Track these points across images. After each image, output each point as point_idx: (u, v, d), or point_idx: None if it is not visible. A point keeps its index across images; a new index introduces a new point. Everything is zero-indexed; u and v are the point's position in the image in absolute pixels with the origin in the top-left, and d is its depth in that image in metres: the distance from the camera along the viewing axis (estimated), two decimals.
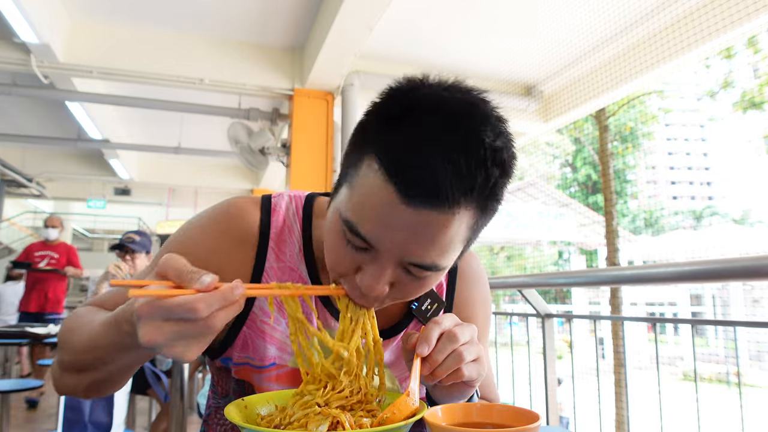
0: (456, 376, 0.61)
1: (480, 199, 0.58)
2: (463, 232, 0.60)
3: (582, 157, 16.32)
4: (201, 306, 0.48)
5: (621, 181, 16.08)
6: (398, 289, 0.64)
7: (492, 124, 0.58)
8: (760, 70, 10.03)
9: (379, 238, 0.58)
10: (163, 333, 0.49)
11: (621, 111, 10.97)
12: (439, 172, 0.53)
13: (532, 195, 13.76)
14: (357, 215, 0.59)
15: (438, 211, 0.55)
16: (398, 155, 0.55)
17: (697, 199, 40.22)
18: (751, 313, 12.82)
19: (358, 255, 0.62)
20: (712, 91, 11.70)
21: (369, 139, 0.60)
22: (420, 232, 0.57)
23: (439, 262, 0.60)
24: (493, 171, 0.57)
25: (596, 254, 15.03)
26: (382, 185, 0.56)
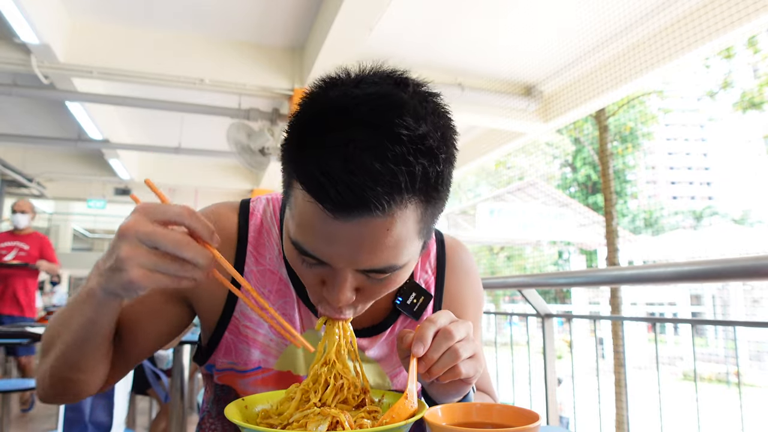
0: (453, 374, 0.61)
1: (417, 193, 0.55)
2: (410, 228, 0.57)
3: (582, 157, 16.32)
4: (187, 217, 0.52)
5: (621, 181, 16.07)
6: (366, 294, 0.63)
7: (411, 111, 0.55)
8: (760, 70, 10.03)
9: (325, 254, 0.57)
10: (139, 227, 0.51)
11: (621, 111, 10.97)
12: (360, 182, 0.51)
13: (532, 195, 13.77)
14: (300, 236, 0.58)
15: (372, 216, 0.53)
16: (314, 174, 0.52)
17: (697, 199, 40.21)
18: (751, 313, 12.82)
19: (316, 270, 0.61)
20: (712, 91, 11.70)
21: (289, 159, 0.58)
22: (363, 241, 0.55)
23: (395, 262, 0.59)
24: (420, 162, 0.54)
25: (596, 254, 15.03)
26: (310, 205, 0.54)
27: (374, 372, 0.80)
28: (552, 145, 16.82)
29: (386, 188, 0.52)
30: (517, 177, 16.31)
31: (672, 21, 4.62)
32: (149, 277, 0.52)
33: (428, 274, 0.84)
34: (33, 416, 4.88)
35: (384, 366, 0.81)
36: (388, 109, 0.54)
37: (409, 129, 0.53)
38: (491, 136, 7.63)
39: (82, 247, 18.11)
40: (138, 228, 0.51)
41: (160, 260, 0.51)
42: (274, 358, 0.77)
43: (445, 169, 0.60)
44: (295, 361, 0.77)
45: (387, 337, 0.80)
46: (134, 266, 0.51)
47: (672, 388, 9.91)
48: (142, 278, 0.51)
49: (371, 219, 0.53)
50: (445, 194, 0.62)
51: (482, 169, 16.86)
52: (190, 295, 0.79)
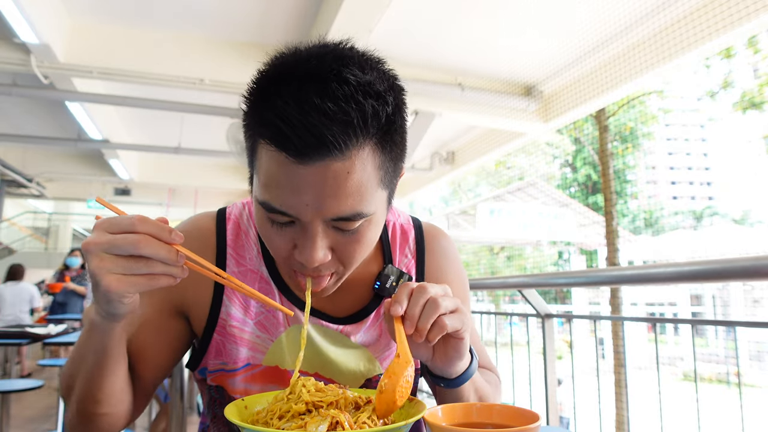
0: (439, 328, 0.61)
1: (371, 136, 0.58)
2: (370, 173, 0.60)
3: (582, 157, 16.31)
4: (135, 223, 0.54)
5: (621, 181, 16.07)
6: (340, 253, 0.65)
7: (356, 63, 0.59)
8: (760, 70, 10.03)
9: (292, 205, 0.59)
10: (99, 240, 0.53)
11: (621, 111, 10.97)
12: (316, 123, 0.54)
13: (532, 195, 13.76)
14: (268, 193, 0.61)
15: (332, 159, 0.56)
16: (276, 124, 0.56)
17: (697, 199, 40.22)
18: (751, 313, 12.82)
19: (287, 232, 0.63)
20: (712, 91, 11.70)
21: (251, 124, 0.62)
22: (326, 186, 0.57)
23: (360, 208, 0.60)
24: (368, 103, 0.57)
25: (596, 254, 15.02)
26: (275, 157, 0.58)
27: (363, 357, 0.81)
28: (552, 145, 16.82)
29: (340, 127, 0.55)
30: (517, 177, 16.31)
31: (672, 21, 4.62)
32: (123, 281, 0.54)
33: (408, 258, 0.86)
34: (33, 416, 4.88)
35: (372, 351, 0.82)
36: (334, 60, 0.58)
37: (356, 75, 0.57)
38: (491, 136, 7.63)
39: None
40: (97, 240, 0.54)
41: (126, 262, 0.54)
42: (262, 354, 0.79)
43: (397, 116, 0.62)
44: (282, 356, 0.79)
45: (372, 323, 0.82)
46: (105, 274, 0.54)
47: (672, 388, 9.91)
48: (116, 284, 0.54)
49: (331, 162, 0.56)
50: (401, 144, 0.64)
51: (482, 169, 16.86)
52: (183, 306, 0.81)
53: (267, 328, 0.79)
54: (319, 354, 0.79)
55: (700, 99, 21.11)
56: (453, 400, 0.72)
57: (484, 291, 12.38)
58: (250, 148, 0.64)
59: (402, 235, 0.87)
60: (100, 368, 0.66)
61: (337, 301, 0.81)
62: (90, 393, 0.68)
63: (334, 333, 0.80)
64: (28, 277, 7.13)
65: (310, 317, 0.76)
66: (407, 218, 0.91)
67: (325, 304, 0.81)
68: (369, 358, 0.81)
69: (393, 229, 0.87)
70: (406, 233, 0.88)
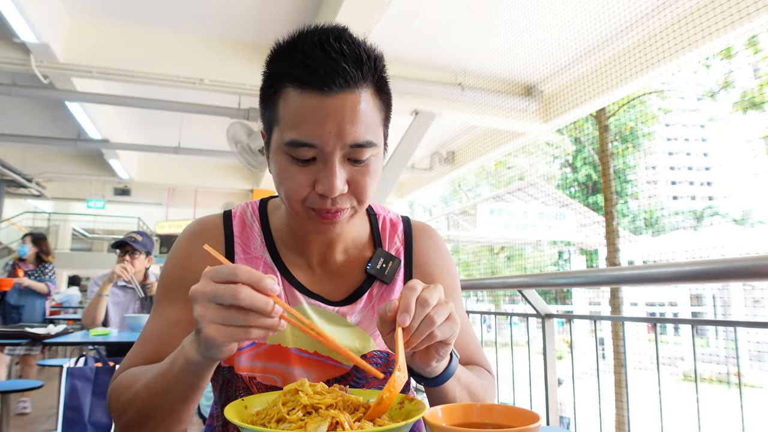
0: (429, 339, 0.64)
1: (370, 81, 0.73)
2: (374, 110, 0.74)
3: (582, 157, 16.31)
4: (241, 274, 0.57)
5: (621, 181, 16.07)
6: (355, 185, 0.74)
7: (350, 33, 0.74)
8: (760, 70, 10.03)
9: (318, 134, 0.70)
10: (204, 288, 0.58)
11: (621, 111, 10.97)
12: (337, 59, 0.69)
13: (532, 195, 13.76)
14: (295, 131, 0.71)
15: (348, 90, 0.70)
16: (304, 63, 0.69)
17: (698, 199, 40.23)
18: (752, 313, 12.82)
19: (308, 170, 0.73)
20: (712, 91, 11.70)
21: (276, 78, 0.73)
22: (345, 113, 0.70)
23: (371, 137, 0.72)
24: (366, 53, 0.72)
25: (596, 254, 15.03)
26: (301, 96, 0.70)
27: (358, 335, 0.86)
28: (552, 145, 16.83)
29: (354, 64, 0.70)
30: (517, 177, 16.31)
31: (672, 21, 4.62)
32: (222, 332, 0.58)
33: (397, 244, 0.94)
34: (33, 416, 4.88)
35: (366, 328, 0.87)
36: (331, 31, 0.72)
37: (352, 39, 0.73)
38: (491, 136, 7.64)
39: (82, 247, 18.11)
40: (203, 289, 0.58)
41: (226, 313, 0.57)
42: None
43: (385, 78, 0.77)
44: (284, 335, 0.84)
45: (365, 304, 0.88)
46: (207, 323, 0.58)
47: (672, 388, 9.90)
48: (216, 334, 0.58)
49: (348, 93, 0.70)
50: (387, 92, 0.78)
51: (482, 169, 16.85)
52: None
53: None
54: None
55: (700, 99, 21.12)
56: (440, 397, 0.75)
57: (484, 291, 12.37)
58: (270, 106, 0.75)
59: (391, 227, 0.96)
60: (188, 400, 0.69)
61: (333, 285, 0.89)
62: (175, 418, 0.71)
63: (331, 314, 0.86)
64: None
65: (309, 299, 0.85)
66: (396, 214, 0.99)
67: (323, 287, 0.88)
68: (363, 336, 0.86)
69: (383, 221, 0.96)
70: (395, 225, 0.96)
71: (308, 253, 0.88)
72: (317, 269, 0.89)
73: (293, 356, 0.83)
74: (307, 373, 0.84)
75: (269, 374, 0.83)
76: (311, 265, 0.89)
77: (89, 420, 2.47)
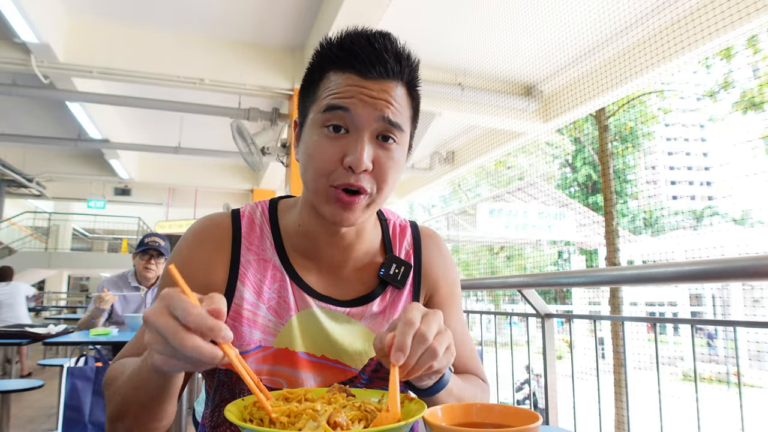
0: (427, 370, 0.65)
1: (405, 74, 0.80)
2: (406, 104, 0.80)
3: (582, 157, 16.31)
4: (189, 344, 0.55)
5: (621, 181, 16.06)
6: (378, 168, 0.78)
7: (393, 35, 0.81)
8: (760, 70, 10.03)
9: (354, 102, 0.75)
10: (156, 341, 0.57)
11: (621, 111, 10.97)
12: (380, 52, 0.76)
13: (532, 195, 13.76)
14: (333, 99, 0.76)
15: (387, 80, 0.77)
16: (352, 51, 0.76)
17: (697, 199, 40.22)
18: (751, 313, 12.81)
19: (339, 143, 0.76)
20: (712, 91, 11.70)
21: (321, 65, 0.80)
22: (381, 95, 0.76)
23: (401, 121, 0.78)
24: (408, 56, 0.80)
25: (596, 254, 15.02)
26: (345, 77, 0.77)
27: (365, 336, 0.87)
28: (552, 145, 16.83)
29: (394, 58, 0.78)
30: (517, 177, 16.31)
31: (672, 21, 4.62)
32: (168, 363, 0.57)
33: (406, 249, 0.96)
34: (33, 416, 4.88)
35: (374, 331, 0.88)
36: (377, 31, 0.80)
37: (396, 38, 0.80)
38: (491, 136, 7.63)
39: (82, 247, 18.11)
40: (155, 320, 0.57)
41: (173, 350, 0.56)
42: (273, 336, 0.84)
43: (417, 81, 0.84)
44: (292, 338, 0.84)
45: (378, 307, 0.89)
46: (155, 352, 0.58)
47: (672, 388, 9.91)
48: (162, 363, 0.58)
49: (386, 82, 0.77)
50: (417, 94, 0.85)
51: (482, 169, 16.85)
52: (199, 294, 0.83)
53: (278, 313, 0.84)
54: (326, 336, 0.85)
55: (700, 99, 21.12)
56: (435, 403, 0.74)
57: (484, 291, 12.37)
58: (313, 88, 0.81)
59: (401, 232, 0.97)
60: (160, 400, 0.69)
61: (344, 288, 0.89)
62: (150, 414, 0.71)
63: (341, 315, 0.87)
64: (28, 278, 7.11)
65: (318, 302, 0.85)
66: (404, 219, 1.01)
67: (333, 290, 0.88)
68: (370, 338, 0.87)
69: (393, 226, 0.97)
70: (404, 230, 0.98)
71: (320, 256, 0.88)
72: (328, 273, 0.89)
73: (301, 360, 0.83)
74: (314, 377, 0.84)
75: (276, 377, 0.83)
76: (322, 268, 0.88)
77: (89, 420, 2.47)
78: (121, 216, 14.99)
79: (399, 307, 0.90)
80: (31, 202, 15.60)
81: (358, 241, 0.88)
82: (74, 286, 20.38)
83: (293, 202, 0.92)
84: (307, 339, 0.84)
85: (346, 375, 0.85)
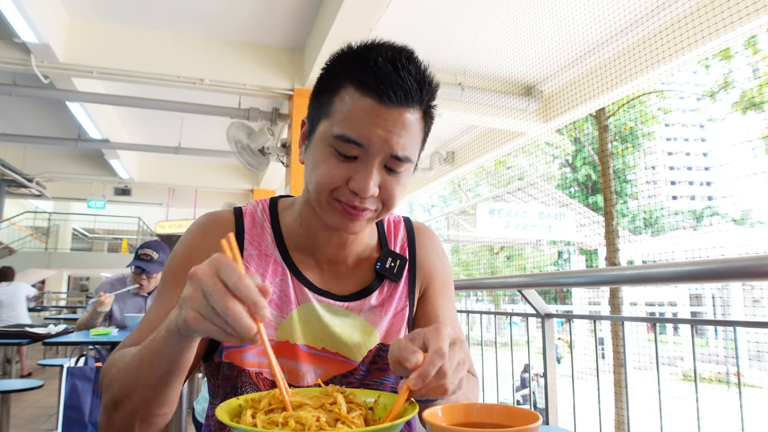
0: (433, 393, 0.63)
1: (423, 103, 0.77)
2: (419, 132, 0.79)
3: (582, 157, 16.32)
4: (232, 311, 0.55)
5: (621, 181, 16.07)
6: (385, 191, 0.78)
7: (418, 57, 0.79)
8: (759, 71, 10.03)
9: (368, 136, 0.74)
10: (196, 298, 0.56)
11: (621, 111, 10.98)
12: (401, 80, 0.73)
13: (532, 195, 13.75)
14: (347, 127, 0.74)
15: (404, 108, 0.75)
16: (370, 76, 0.73)
17: (697, 199, 40.21)
18: (751, 313, 12.81)
19: (346, 167, 0.76)
20: (712, 91, 11.70)
21: (340, 76, 0.77)
22: (396, 126, 0.74)
23: (410, 154, 0.78)
24: (429, 81, 0.78)
25: (596, 254, 15.03)
26: (361, 98, 0.74)
27: (366, 330, 0.89)
28: (552, 145, 16.84)
29: (417, 86, 0.75)
30: (517, 177, 16.31)
31: (672, 21, 4.62)
32: (200, 323, 0.56)
33: (401, 244, 0.99)
34: (33, 416, 4.88)
35: (373, 324, 0.91)
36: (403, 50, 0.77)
37: (421, 63, 0.78)
38: (491, 136, 7.64)
39: (82, 247, 18.11)
40: (203, 277, 0.56)
41: (211, 312, 0.56)
42: (274, 330, 0.85)
43: (433, 106, 0.81)
44: (293, 331, 0.85)
45: (375, 300, 0.91)
46: (190, 308, 0.57)
47: (672, 388, 9.92)
48: (193, 321, 0.57)
49: (404, 110, 0.75)
50: (429, 128, 0.83)
51: (482, 169, 16.85)
52: None
53: (279, 306, 0.86)
54: (325, 329, 0.87)
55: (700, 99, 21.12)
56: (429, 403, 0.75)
57: (484, 291, 12.37)
58: (326, 96, 0.79)
59: (395, 227, 1.01)
60: (171, 374, 0.67)
61: (342, 283, 0.91)
62: (157, 396, 0.68)
63: (340, 309, 0.89)
64: (28, 278, 7.11)
65: (317, 296, 0.87)
66: (397, 215, 1.04)
67: (332, 285, 0.90)
68: (369, 330, 0.89)
69: (387, 222, 1.01)
70: (397, 225, 1.01)
71: (319, 253, 0.90)
72: (327, 268, 0.91)
73: (302, 352, 0.84)
74: (315, 369, 0.85)
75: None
76: (321, 264, 0.90)
77: (89, 420, 2.47)
78: (121, 216, 14.99)
79: (395, 300, 0.92)
80: (31, 202, 15.59)
81: (355, 239, 0.90)
82: (74, 286, 20.37)
83: (292, 201, 0.94)
84: (307, 332, 0.85)
85: (345, 367, 0.86)
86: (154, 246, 3.27)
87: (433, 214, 23.71)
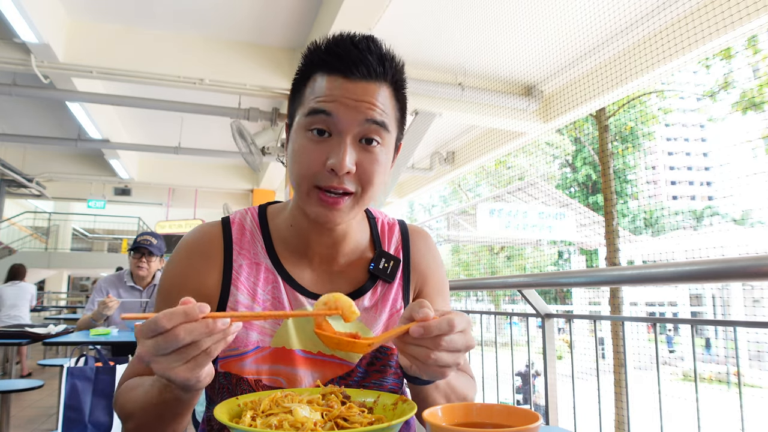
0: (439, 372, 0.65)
1: (389, 76, 0.81)
2: (390, 106, 0.81)
3: (582, 157, 16.32)
4: (163, 321, 0.57)
5: (621, 181, 16.06)
6: (361, 171, 0.79)
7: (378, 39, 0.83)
8: (759, 71, 10.03)
9: (336, 106, 0.77)
10: (146, 347, 0.58)
11: (621, 111, 10.98)
12: (364, 53, 0.78)
13: (532, 195, 13.74)
14: (316, 102, 0.78)
15: (370, 81, 0.78)
16: (332, 56, 0.78)
17: (697, 199, 40.20)
18: (751, 313, 12.81)
19: (323, 147, 0.78)
20: (712, 91, 11.70)
21: (306, 71, 0.82)
22: (365, 96, 0.78)
23: (385, 119, 0.79)
24: (392, 58, 0.82)
25: (596, 254, 15.02)
26: (329, 79, 0.78)
27: (358, 329, 0.89)
28: (552, 145, 16.84)
29: (377, 59, 0.79)
30: (517, 177, 16.31)
31: (672, 21, 4.62)
32: (188, 369, 0.59)
33: (395, 245, 0.99)
34: (33, 416, 4.88)
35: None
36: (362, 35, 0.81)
37: (379, 41, 0.82)
38: (491, 136, 7.63)
39: (82, 247, 18.11)
40: (146, 350, 0.58)
41: (179, 354, 0.58)
42: (270, 337, 0.86)
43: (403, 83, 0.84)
44: (288, 337, 0.85)
45: (369, 301, 0.91)
46: (171, 371, 0.59)
47: (672, 388, 9.92)
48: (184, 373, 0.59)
49: (369, 83, 0.78)
50: (404, 95, 0.86)
51: (482, 169, 16.85)
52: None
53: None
54: None
55: (700, 99, 21.13)
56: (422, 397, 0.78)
57: (484, 291, 12.36)
58: (300, 91, 0.83)
59: (389, 230, 1.01)
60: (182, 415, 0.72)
61: (336, 285, 0.91)
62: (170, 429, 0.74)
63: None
64: (28, 278, 7.11)
65: (311, 300, 0.88)
66: (392, 218, 1.04)
67: (326, 287, 0.90)
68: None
69: (381, 224, 1.01)
70: (392, 227, 1.01)
71: (310, 253, 0.90)
72: (319, 270, 0.91)
73: (298, 358, 0.85)
74: (312, 373, 0.85)
75: (275, 376, 0.84)
76: (314, 267, 0.91)
77: (89, 420, 2.47)
78: (121, 216, 14.99)
79: (389, 301, 0.92)
80: (31, 202, 15.59)
81: (346, 236, 0.91)
82: (74, 286, 20.37)
83: (283, 205, 0.95)
84: (302, 337, 0.85)
85: (343, 369, 0.86)
86: (153, 234, 3.44)
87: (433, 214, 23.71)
